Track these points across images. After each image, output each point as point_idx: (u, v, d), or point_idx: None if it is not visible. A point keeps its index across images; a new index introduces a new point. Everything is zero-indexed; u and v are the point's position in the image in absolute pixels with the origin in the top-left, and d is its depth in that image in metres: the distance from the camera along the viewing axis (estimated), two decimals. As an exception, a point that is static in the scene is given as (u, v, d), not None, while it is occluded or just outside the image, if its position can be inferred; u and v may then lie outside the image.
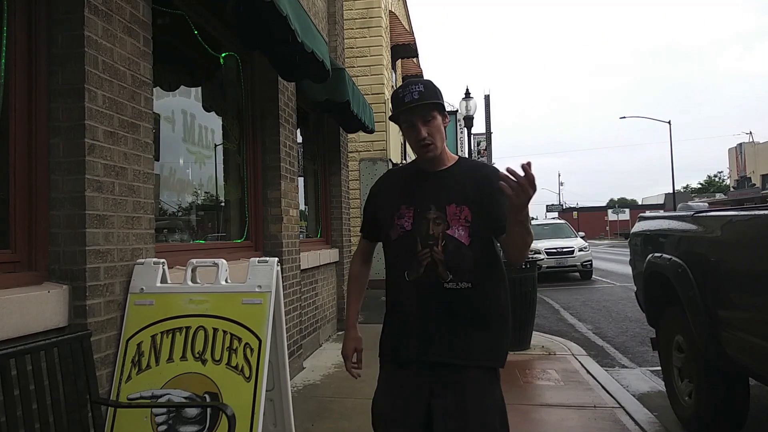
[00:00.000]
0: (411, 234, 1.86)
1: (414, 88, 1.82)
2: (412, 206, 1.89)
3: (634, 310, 9.57)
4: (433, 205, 1.86)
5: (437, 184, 1.89)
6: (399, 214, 1.90)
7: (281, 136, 4.75)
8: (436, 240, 1.83)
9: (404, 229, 1.88)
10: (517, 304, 5.79)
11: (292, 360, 4.83)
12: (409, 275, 1.85)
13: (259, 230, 4.66)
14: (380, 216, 1.97)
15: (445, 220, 1.84)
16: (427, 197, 1.88)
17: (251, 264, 2.48)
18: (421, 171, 1.95)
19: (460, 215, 1.83)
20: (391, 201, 1.94)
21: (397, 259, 1.92)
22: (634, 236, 4.80)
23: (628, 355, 6.22)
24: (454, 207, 1.84)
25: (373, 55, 12.54)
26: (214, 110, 4.27)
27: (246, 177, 4.61)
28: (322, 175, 7.08)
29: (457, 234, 1.82)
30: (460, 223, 1.83)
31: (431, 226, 1.84)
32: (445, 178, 1.91)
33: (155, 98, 3.37)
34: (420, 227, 1.86)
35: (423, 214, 1.86)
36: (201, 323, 2.40)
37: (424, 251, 1.84)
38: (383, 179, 2.09)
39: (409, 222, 1.87)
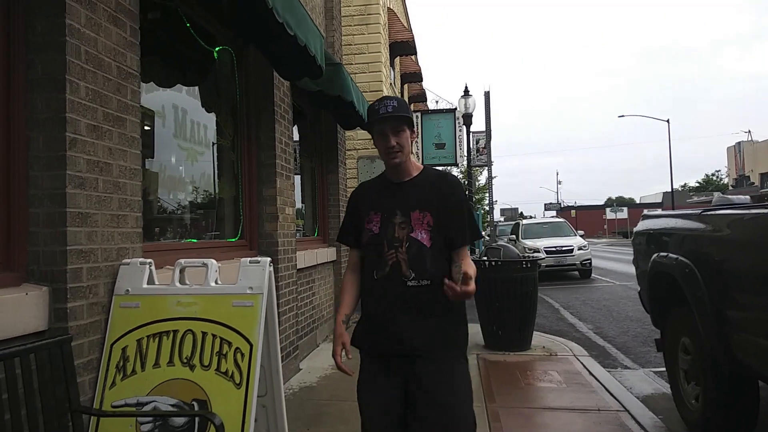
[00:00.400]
0: (378, 237, 2.07)
1: (389, 102, 2.05)
2: (380, 212, 2.10)
3: (635, 309, 9.49)
4: (399, 210, 2.07)
5: (403, 192, 2.11)
6: (368, 219, 2.12)
7: (276, 133, 4.63)
8: (401, 242, 2.04)
9: (373, 232, 2.09)
10: (517, 303, 5.68)
11: (288, 361, 4.72)
12: (377, 274, 2.05)
13: (254, 229, 4.54)
14: (355, 223, 2.19)
15: (409, 224, 2.05)
16: (393, 204, 2.09)
17: (242, 264, 2.36)
18: (390, 182, 2.17)
19: (423, 220, 2.05)
20: (363, 209, 2.16)
21: (367, 259, 2.12)
22: (638, 235, 4.69)
23: (630, 355, 6.11)
24: (417, 212, 2.06)
25: (372, 52, 12.41)
26: (208, 106, 4.14)
27: (240, 174, 4.49)
28: (319, 173, 6.96)
29: (419, 237, 2.03)
30: (422, 227, 2.04)
31: (396, 230, 2.05)
32: (410, 187, 2.12)
33: (145, 92, 3.25)
34: (387, 231, 2.06)
35: (390, 219, 2.07)
36: (189, 327, 2.28)
37: (389, 252, 2.04)
38: (357, 191, 2.29)
39: (377, 226, 2.09)
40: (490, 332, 5.84)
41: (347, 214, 2.28)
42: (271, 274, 2.38)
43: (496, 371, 5.02)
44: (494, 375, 4.87)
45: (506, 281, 5.67)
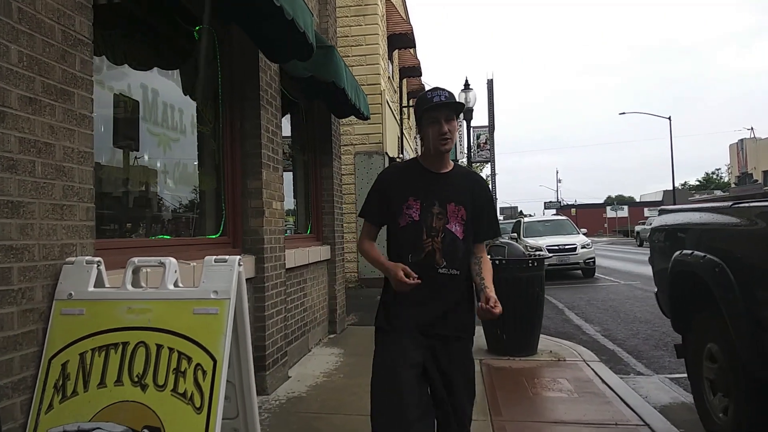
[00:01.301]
0: (418, 224, 2.19)
1: (441, 92, 2.19)
2: (419, 199, 2.20)
3: (643, 310, 9.13)
4: (437, 201, 2.20)
5: (441, 183, 2.23)
6: (407, 204, 2.20)
7: (262, 120, 4.25)
8: (437, 232, 2.18)
9: (412, 218, 2.19)
10: (523, 305, 5.31)
11: (276, 369, 4.34)
12: (412, 258, 2.18)
13: (237, 224, 4.17)
14: (388, 204, 2.25)
15: (445, 215, 2.19)
16: (432, 194, 2.21)
17: (206, 264, 1.98)
18: (428, 170, 2.26)
19: (458, 213, 2.20)
20: (400, 192, 2.23)
21: (403, 243, 2.21)
22: (656, 231, 4.32)
23: (643, 360, 5.74)
24: (453, 205, 2.20)
25: (369, 44, 12.03)
26: (185, 89, 3.76)
27: (223, 165, 4.11)
28: (312, 166, 6.58)
29: (454, 229, 2.18)
30: (457, 220, 2.19)
31: (434, 220, 2.18)
32: (447, 179, 2.25)
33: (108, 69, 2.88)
34: (426, 219, 2.19)
35: (428, 208, 2.19)
36: (142, 338, 1.91)
37: (427, 240, 2.17)
38: (391, 171, 2.38)
39: (416, 213, 2.19)
40: (493, 336, 5.47)
41: (376, 191, 2.32)
42: (241, 275, 2.00)
43: (501, 379, 4.65)
44: (499, 383, 4.50)
45: (511, 281, 5.30)
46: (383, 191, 2.30)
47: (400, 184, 2.26)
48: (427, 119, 2.19)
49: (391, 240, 2.28)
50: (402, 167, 2.39)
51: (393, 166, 2.43)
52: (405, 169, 2.36)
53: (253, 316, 4.16)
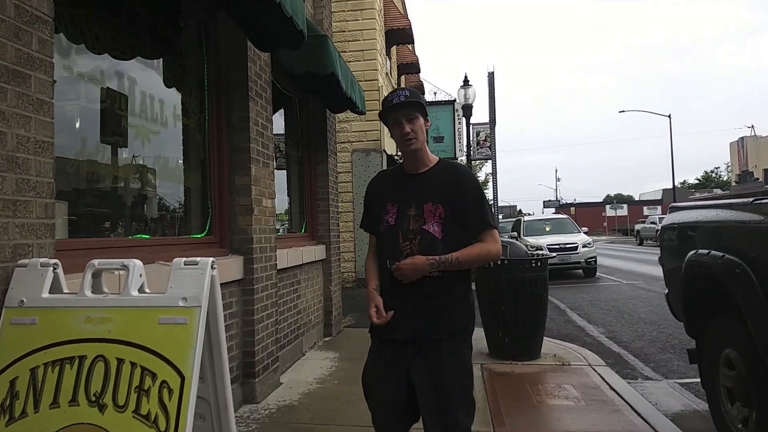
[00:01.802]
0: (394, 229, 2.17)
1: (401, 92, 2.14)
2: (396, 204, 2.19)
3: (647, 310, 8.91)
4: (414, 203, 2.15)
5: (418, 184, 2.19)
6: (385, 211, 2.21)
7: (251, 113, 4.01)
8: (415, 234, 2.12)
9: (389, 224, 2.18)
10: (526, 307, 5.08)
11: (266, 375, 4.11)
12: (391, 264, 2.13)
13: (224, 223, 3.93)
14: (373, 212, 2.28)
15: (422, 216, 2.13)
16: (408, 196, 2.17)
17: (174, 267, 1.75)
18: (405, 173, 2.25)
19: (435, 212, 2.12)
20: (380, 200, 2.25)
21: (383, 250, 2.21)
22: (667, 230, 4.09)
23: (650, 363, 5.52)
24: (430, 205, 2.13)
25: (366, 39, 11.79)
26: (166, 77, 3.53)
27: (209, 160, 3.88)
28: (306, 163, 6.34)
29: (431, 229, 2.12)
30: (435, 219, 2.12)
31: (411, 222, 2.14)
32: (424, 178, 2.20)
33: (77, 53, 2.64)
34: (402, 223, 2.16)
35: (405, 211, 2.16)
36: (101, 351, 1.68)
37: (404, 243, 2.13)
38: (375, 180, 2.38)
39: (393, 218, 2.17)
40: (495, 339, 5.25)
41: (365, 203, 2.36)
42: (214, 280, 1.78)
43: (503, 385, 4.42)
44: (502, 390, 4.27)
45: (513, 282, 5.07)
46: (370, 202, 2.34)
47: (380, 191, 2.29)
48: (390, 122, 2.17)
49: (378, 248, 2.29)
50: (386, 174, 2.41)
51: (379, 174, 2.44)
52: (387, 175, 2.38)
53: (241, 320, 3.93)
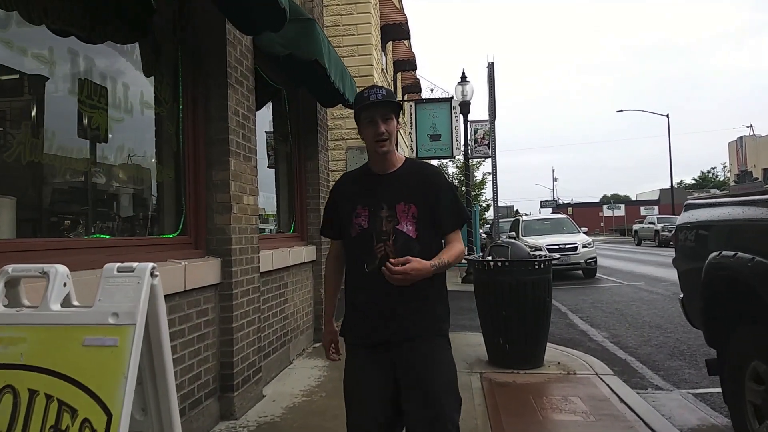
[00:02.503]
0: (368, 231, 2.10)
1: (378, 90, 2.08)
2: (367, 206, 2.12)
3: (651, 313, 8.58)
4: (385, 204, 2.10)
5: (388, 184, 2.13)
6: (356, 213, 2.13)
7: (230, 101, 3.67)
8: (388, 235, 2.08)
9: (362, 227, 2.11)
10: (528, 312, 4.76)
11: (247, 388, 3.77)
12: (368, 267, 2.08)
13: (200, 222, 3.59)
14: (340, 216, 2.19)
15: (395, 217, 2.09)
16: (379, 197, 2.12)
17: (105, 274, 1.41)
18: (373, 174, 2.19)
19: (408, 212, 2.09)
20: (348, 202, 2.17)
21: (356, 254, 2.15)
22: (684, 229, 3.76)
23: (659, 371, 5.20)
24: (402, 205, 2.10)
25: (361, 34, 11.44)
26: (135, 62, 3.19)
27: (183, 152, 3.54)
28: (296, 160, 6.00)
29: (405, 229, 2.08)
30: (408, 219, 2.09)
31: (384, 223, 2.09)
32: (394, 178, 2.15)
33: (18, 25, 2.30)
34: (375, 225, 2.10)
35: (376, 212, 2.10)
36: (9, 380, 1.34)
37: (378, 246, 2.07)
38: (339, 183, 2.30)
39: (365, 220, 2.11)
40: (495, 346, 4.92)
41: (328, 206, 2.28)
42: (155, 290, 1.44)
43: (505, 397, 4.09)
44: (503, 403, 3.94)
45: (515, 285, 4.74)
46: (334, 205, 2.26)
47: (348, 193, 2.21)
48: (364, 119, 2.10)
49: (347, 251, 2.22)
50: (352, 175, 2.30)
51: (344, 176, 2.35)
52: (354, 176, 2.28)
53: (218, 329, 3.59)
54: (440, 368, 2.07)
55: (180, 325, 3.13)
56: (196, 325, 3.31)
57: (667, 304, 9.17)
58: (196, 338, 3.32)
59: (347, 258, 2.20)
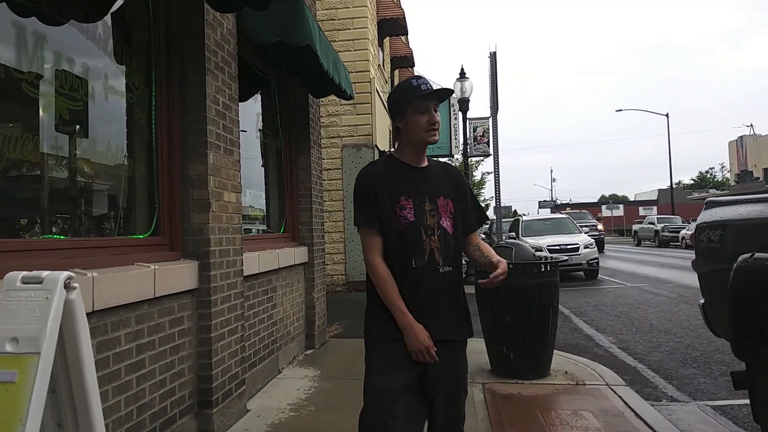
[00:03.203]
0: (415, 225, 2.07)
1: (425, 80, 2.12)
2: (410, 198, 2.09)
3: (658, 317, 8.26)
4: (428, 197, 2.11)
5: (426, 178, 2.15)
6: (400, 206, 2.08)
7: (209, 88, 3.34)
8: (433, 230, 2.08)
9: (408, 220, 2.07)
10: (534, 318, 4.43)
11: (228, 403, 3.44)
12: (416, 262, 2.05)
13: (175, 221, 3.26)
14: (383, 208, 2.09)
15: (437, 211, 2.11)
16: (421, 190, 2.12)
17: (5, 286, 1.08)
18: (409, 166, 2.16)
19: (447, 207, 2.14)
20: (389, 193, 2.09)
21: (403, 248, 2.06)
22: (706, 229, 3.45)
23: (673, 381, 4.88)
24: (442, 200, 2.14)
25: (357, 28, 11.13)
26: (99, 42, 2.85)
27: (156, 143, 3.20)
28: (286, 155, 5.67)
29: (445, 224, 2.11)
30: (447, 214, 2.13)
31: (428, 217, 2.09)
32: (430, 172, 2.18)
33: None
34: (422, 218, 2.08)
35: (421, 206, 2.09)
36: None
37: (426, 240, 2.06)
38: (371, 173, 2.16)
39: (411, 213, 2.07)
40: (498, 354, 4.59)
41: (365, 198, 2.13)
42: (73, 307, 1.10)
43: (510, 411, 3.76)
44: (509, 418, 3.61)
45: (519, 290, 4.42)
46: (370, 196, 2.11)
47: (386, 184, 2.11)
48: (414, 109, 2.08)
49: (388, 247, 2.08)
50: (382, 166, 2.21)
51: (372, 167, 2.23)
52: (386, 167, 2.19)
53: (196, 339, 3.26)
54: (465, 371, 2.18)
55: (149, 337, 2.80)
56: (168, 335, 2.98)
57: (674, 307, 8.86)
58: (169, 350, 2.99)
59: (388, 254, 2.07)
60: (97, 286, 2.34)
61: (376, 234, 2.09)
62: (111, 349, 2.50)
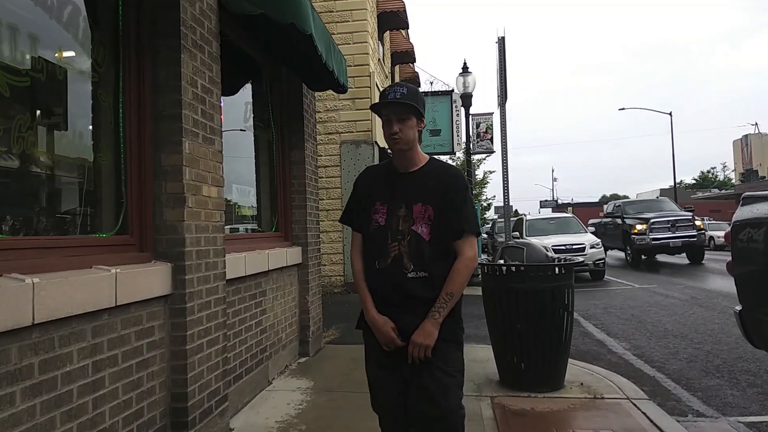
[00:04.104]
0: (384, 229, 2.15)
1: (398, 88, 2.13)
2: (386, 203, 2.17)
3: (672, 320, 7.85)
4: (403, 203, 2.15)
5: (408, 184, 2.18)
6: (374, 209, 2.19)
7: (185, 68, 2.96)
8: (404, 235, 2.13)
9: (379, 223, 2.17)
10: (548, 325, 4.05)
11: (207, 423, 3.05)
12: (379, 264, 2.15)
13: (146, 217, 2.88)
14: (361, 209, 2.25)
15: (411, 217, 2.14)
16: (398, 196, 2.17)
17: None
18: (395, 171, 2.23)
19: (425, 214, 2.13)
20: (369, 196, 2.23)
21: (371, 249, 2.19)
22: (746, 227, 3.06)
23: (697, 392, 4.48)
24: (420, 206, 2.14)
25: (356, 20, 10.74)
26: (52, 11, 2.47)
27: (123, 129, 2.82)
28: (279, 149, 5.28)
29: (420, 230, 2.12)
30: (423, 220, 2.13)
31: (400, 222, 2.14)
32: (415, 178, 2.19)
33: None
34: (391, 222, 2.15)
35: (394, 210, 2.15)
36: None
37: (393, 244, 2.13)
38: (363, 175, 2.35)
39: (383, 218, 2.16)
40: (508, 364, 4.20)
41: (353, 197, 2.32)
42: None
43: (522, 429, 3.38)
44: (522, 439, 3.23)
45: (532, 295, 4.03)
46: (358, 196, 2.28)
47: (369, 188, 2.25)
48: (383, 117, 2.14)
49: (364, 245, 2.24)
50: (375, 169, 2.36)
51: (368, 169, 2.38)
52: (377, 171, 2.33)
53: (169, 351, 2.87)
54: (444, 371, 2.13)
55: (110, 351, 2.42)
56: (135, 349, 2.59)
57: (687, 310, 8.47)
58: (136, 366, 2.60)
59: (364, 251, 2.24)
60: (39, 294, 1.96)
61: (356, 231, 2.29)
62: (59, 368, 2.12)
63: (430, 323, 2.06)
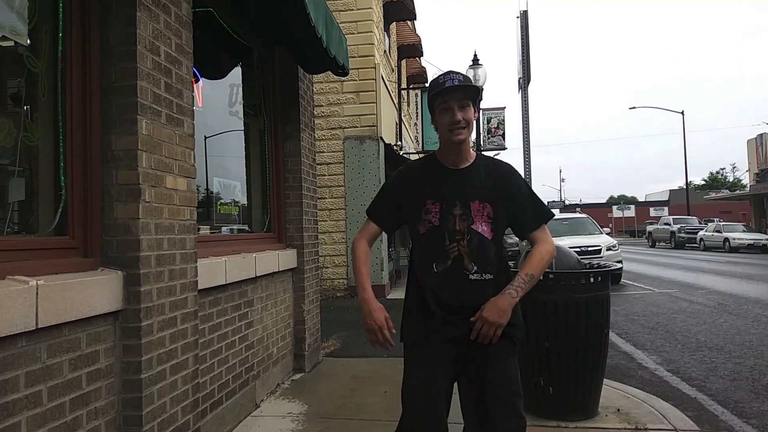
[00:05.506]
0: (439, 229, 2.02)
1: (455, 75, 2.01)
2: (438, 202, 2.03)
3: (703, 330, 7.17)
4: (458, 201, 2.03)
5: (461, 180, 2.05)
6: (425, 209, 2.04)
7: (143, 30, 2.39)
8: (462, 235, 2.01)
9: (432, 224, 2.03)
10: (580, 343, 3.45)
11: (171, 467, 2.47)
12: (438, 267, 2.02)
13: (91, 214, 2.31)
14: (405, 208, 2.10)
15: (469, 216, 2.02)
16: (452, 193, 2.04)
17: None
18: (444, 167, 2.09)
19: (483, 211, 2.03)
20: (416, 194, 2.07)
21: (426, 252, 2.06)
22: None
23: (750, 419, 3.87)
24: (477, 203, 2.03)
25: (360, 9, 10.17)
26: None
27: (62, 104, 2.25)
28: (271, 138, 4.71)
29: (480, 229, 2.02)
30: (483, 219, 2.02)
31: (457, 222, 2.01)
32: (467, 175, 2.06)
33: None
34: (447, 223, 2.02)
35: (449, 210, 2.02)
36: None
37: (451, 245, 2.01)
38: (407, 174, 2.18)
39: (436, 217, 2.03)
40: (533, 388, 3.60)
41: (389, 190, 2.18)
42: None
43: (556, 475, 2.79)
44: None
45: (563, 306, 3.44)
46: (396, 193, 2.14)
47: (415, 185, 2.10)
48: (438, 106, 2.01)
49: (414, 247, 2.12)
50: (418, 165, 2.23)
51: (409, 165, 2.27)
52: (421, 167, 2.19)
53: (119, 381, 2.30)
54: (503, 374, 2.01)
55: (29, 388, 1.85)
56: (68, 382, 2.03)
57: (717, 318, 7.84)
58: (70, 403, 2.03)
59: (413, 254, 2.13)
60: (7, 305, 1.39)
61: (374, 224, 2.16)
62: (-55, 418, 1.55)
63: (506, 300, 1.92)
